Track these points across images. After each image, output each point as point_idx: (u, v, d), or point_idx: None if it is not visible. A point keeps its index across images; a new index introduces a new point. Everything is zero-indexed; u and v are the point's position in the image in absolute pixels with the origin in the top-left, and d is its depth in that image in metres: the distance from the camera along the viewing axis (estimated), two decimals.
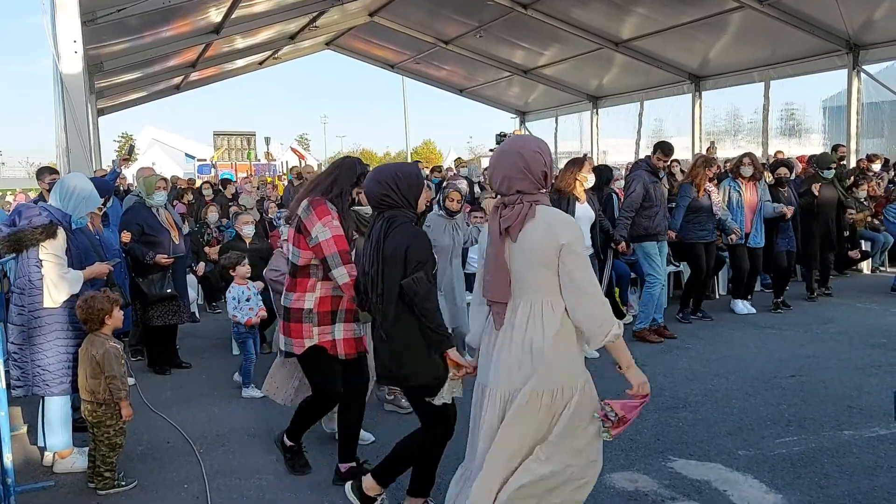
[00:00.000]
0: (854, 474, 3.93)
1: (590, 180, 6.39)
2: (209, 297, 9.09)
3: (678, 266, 8.49)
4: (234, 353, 6.71)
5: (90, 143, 8.58)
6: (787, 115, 16.10)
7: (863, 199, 9.96)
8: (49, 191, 5.63)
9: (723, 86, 15.46)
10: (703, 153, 11.50)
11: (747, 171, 7.72)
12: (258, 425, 5.05)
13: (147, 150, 32.81)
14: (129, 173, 14.84)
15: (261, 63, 20.91)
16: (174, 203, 9.77)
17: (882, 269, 10.38)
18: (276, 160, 28.18)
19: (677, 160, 11.16)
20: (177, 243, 6.45)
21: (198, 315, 8.41)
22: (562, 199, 6.29)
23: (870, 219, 9.91)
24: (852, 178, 10.62)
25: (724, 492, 3.76)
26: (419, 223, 5.26)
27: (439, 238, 5.45)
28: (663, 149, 7.07)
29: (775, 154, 13.15)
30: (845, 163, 11.25)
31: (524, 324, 2.71)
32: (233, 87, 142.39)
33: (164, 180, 6.62)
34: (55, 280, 4.20)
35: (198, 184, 15.09)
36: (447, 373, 3.19)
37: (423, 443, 3.44)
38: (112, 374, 3.96)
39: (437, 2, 15.42)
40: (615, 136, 19.80)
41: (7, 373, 4.45)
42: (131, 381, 5.92)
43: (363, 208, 4.35)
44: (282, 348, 3.97)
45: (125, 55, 13.59)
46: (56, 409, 4.32)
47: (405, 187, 3.30)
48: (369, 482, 3.52)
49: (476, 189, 11.70)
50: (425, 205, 4.99)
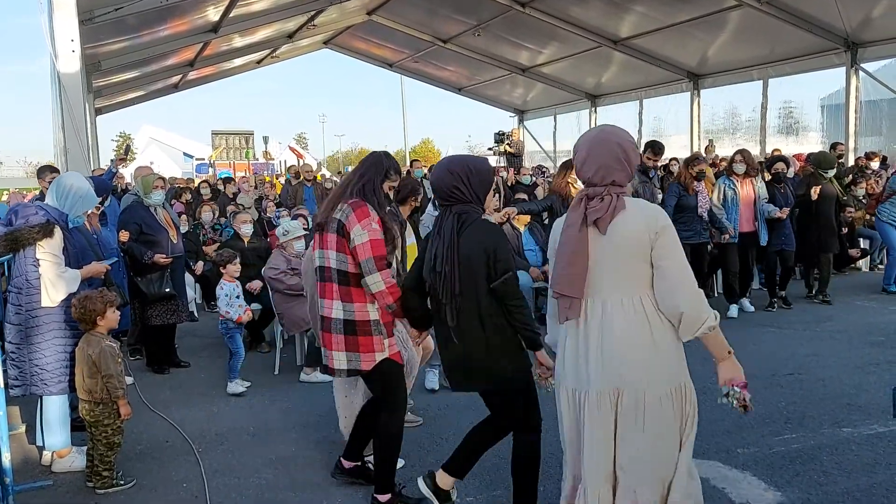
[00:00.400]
0: (853, 472, 3.93)
1: (579, 183, 6.35)
2: (207, 297, 9.09)
3: None
4: None
5: (88, 142, 8.58)
6: (785, 114, 16.10)
7: (861, 197, 9.97)
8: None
9: (721, 84, 15.47)
10: (699, 151, 11.48)
11: (740, 168, 7.64)
12: (257, 424, 5.04)
13: (145, 149, 32.80)
14: (128, 172, 14.84)
15: (259, 62, 20.90)
16: (172, 202, 9.76)
17: (881, 266, 10.37)
18: (274, 159, 28.16)
19: (676, 159, 11.18)
20: (175, 242, 6.45)
21: (196, 314, 8.40)
22: (555, 202, 6.25)
23: (868, 217, 9.90)
24: (851, 176, 10.63)
25: (722, 489, 3.75)
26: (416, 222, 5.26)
27: None
28: (653, 148, 7.03)
29: (772, 152, 13.17)
30: (843, 161, 11.25)
31: (625, 321, 2.58)
32: (231, 86, 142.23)
33: (162, 179, 6.61)
34: (53, 279, 4.19)
35: (196, 183, 15.09)
36: (527, 371, 3.15)
37: (527, 454, 3.29)
38: (109, 373, 3.96)
39: (436, 0, 15.41)
40: None
41: (5, 372, 4.45)
42: (130, 380, 5.92)
43: None
44: (342, 367, 3.52)
45: (123, 54, 13.57)
46: (54, 409, 4.31)
47: (477, 182, 3.18)
48: (443, 476, 3.43)
49: None
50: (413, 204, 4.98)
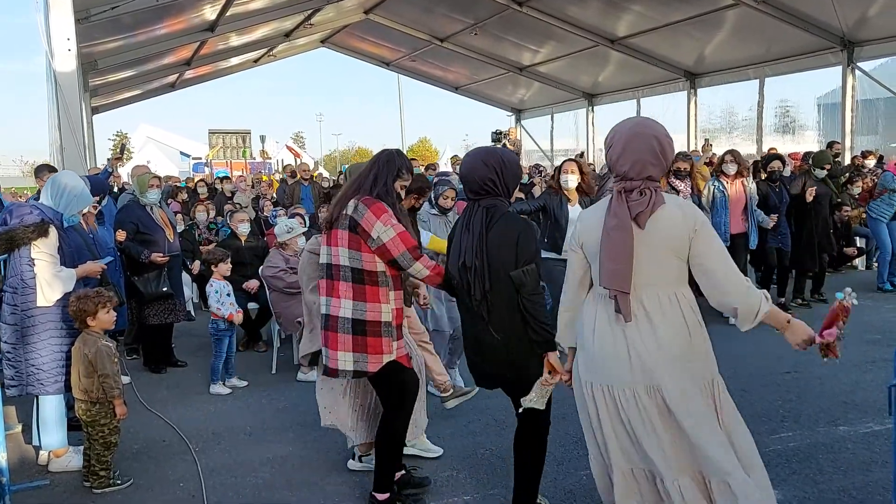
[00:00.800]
0: (849, 470, 3.94)
1: (563, 181, 6.20)
2: (204, 296, 9.05)
3: None
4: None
5: (84, 141, 8.56)
6: (781, 113, 16.12)
7: (857, 196, 9.99)
8: None
9: (718, 83, 15.47)
10: (684, 150, 11.36)
11: (730, 168, 7.47)
12: (254, 423, 5.04)
13: (142, 148, 32.74)
14: (125, 172, 14.81)
15: (256, 61, 20.87)
16: (169, 202, 9.74)
17: (877, 265, 10.39)
18: (271, 158, 28.13)
19: (690, 155, 11.13)
20: (171, 241, 6.44)
21: (193, 313, 8.40)
22: (549, 201, 6.20)
23: (864, 215, 9.92)
24: (847, 174, 10.65)
25: None
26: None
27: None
28: None
29: (768, 151, 13.18)
30: (840, 159, 11.27)
31: (663, 317, 2.57)
32: (228, 85, 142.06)
33: (158, 178, 6.59)
34: (48, 279, 4.18)
35: (186, 181, 15.00)
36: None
37: (543, 440, 3.29)
38: (105, 372, 3.95)
39: None
40: None
41: (1, 372, 4.46)
42: (126, 379, 5.91)
43: None
44: (347, 368, 3.45)
45: (119, 53, 13.55)
46: (51, 408, 4.30)
47: (510, 175, 3.17)
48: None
49: None
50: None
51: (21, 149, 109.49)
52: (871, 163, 10.77)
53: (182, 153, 31.94)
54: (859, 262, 10.47)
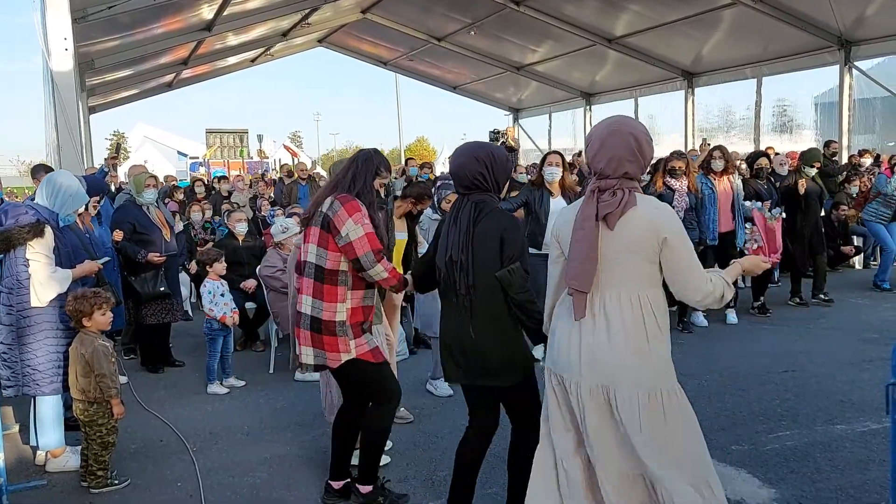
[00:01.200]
0: (846, 469, 3.95)
1: (549, 174, 6.21)
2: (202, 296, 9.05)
3: None
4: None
5: (81, 140, 8.53)
6: (779, 112, 16.12)
7: (854, 195, 10.00)
8: None
9: (715, 82, 15.46)
10: (678, 150, 11.32)
11: (718, 165, 7.37)
12: (252, 423, 5.04)
13: (139, 147, 32.72)
14: (122, 171, 14.78)
15: (253, 60, 20.83)
16: (166, 201, 9.73)
17: (874, 264, 10.41)
18: (268, 158, 28.13)
19: (685, 154, 11.12)
20: (168, 241, 6.44)
21: (190, 313, 8.39)
22: (531, 196, 6.19)
23: (861, 216, 9.92)
24: (844, 173, 10.67)
25: None
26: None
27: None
28: None
29: (766, 150, 13.19)
30: (837, 158, 11.29)
31: (621, 318, 2.58)
32: (225, 85, 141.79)
33: (154, 178, 6.58)
34: (42, 279, 4.16)
35: (179, 181, 14.98)
36: (530, 366, 3.12)
37: (531, 447, 3.17)
38: (102, 372, 3.95)
39: None
40: None
41: None
42: (124, 379, 5.90)
43: None
44: (308, 362, 3.54)
45: (116, 52, 13.50)
46: (48, 409, 4.30)
47: (499, 170, 3.14)
48: None
49: None
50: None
51: (18, 149, 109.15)
52: (867, 161, 10.79)
53: (179, 153, 31.90)
54: (857, 261, 10.49)
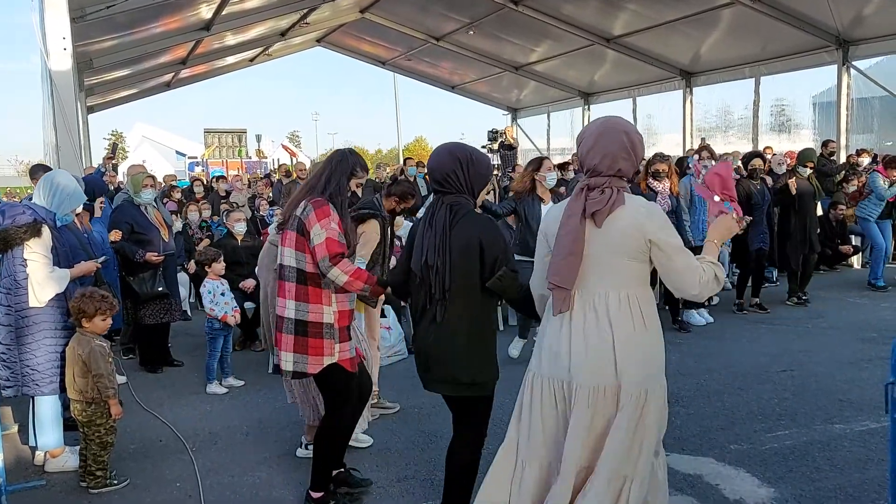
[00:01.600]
0: (845, 468, 3.95)
1: (550, 179, 6.17)
2: (200, 295, 9.04)
3: None
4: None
5: (80, 140, 8.52)
6: (777, 111, 16.13)
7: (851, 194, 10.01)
8: None
9: (713, 82, 15.47)
10: (661, 152, 11.17)
11: (706, 164, 7.36)
12: (251, 423, 5.03)
13: (137, 147, 32.69)
14: (121, 171, 14.77)
15: (252, 60, 20.81)
16: (165, 201, 9.72)
17: (869, 262, 10.42)
18: (267, 157, 28.13)
19: (667, 157, 11.14)
20: (167, 241, 6.43)
21: (189, 313, 8.38)
22: (521, 202, 6.06)
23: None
24: (842, 173, 10.68)
25: (716, 486, 3.77)
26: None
27: None
28: None
29: (764, 150, 13.20)
30: (835, 158, 11.30)
31: (609, 317, 2.59)
32: (224, 84, 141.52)
33: (152, 178, 6.57)
34: (40, 279, 4.16)
35: (195, 179, 14.96)
36: (493, 380, 3.11)
37: (472, 463, 3.24)
38: (99, 372, 3.95)
39: None
40: None
41: None
42: (122, 379, 5.90)
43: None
44: (287, 368, 3.49)
45: (115, 52, 13.49)
46: (46, 409, 4.30)
47: (475, 173, 3.06)
48: None
49: None
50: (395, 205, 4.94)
51: (16, 149, 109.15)
52: (865, 161, 10.80)
53: (178, 152, 31.90)
54: (855, 261, 10.50)
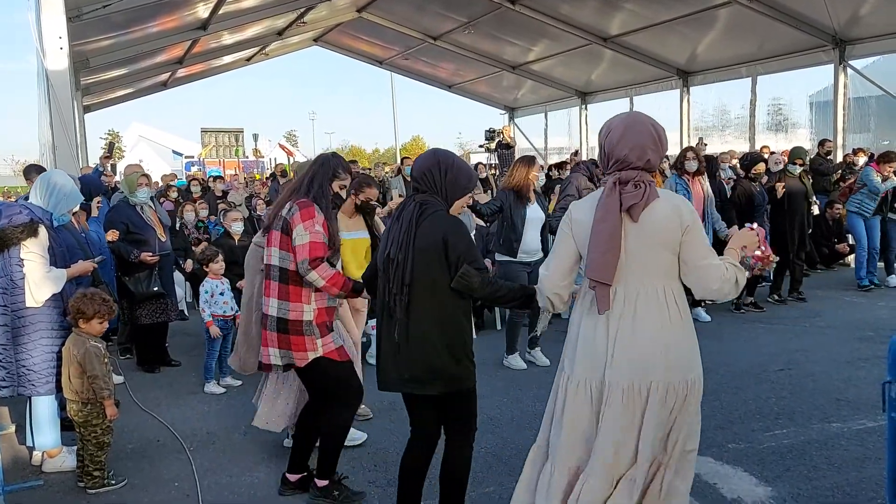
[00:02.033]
0: (843, 466, 3.96)
1: (541, 180, 6.21)
2: (198, 295, 9.02)
3: None
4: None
5: (76, 140, 8.51)
6: (774, 110, 16.19)
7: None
8: None
9: (710, 81, 15.51)
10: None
11: (692, 165, 7.34)
12: (249, 423, 5.00)
13: (134, 146, 32.71)
14: (120, 170, 14.75)
15: (248, 59, 20.80)
16: (161, 200, 9.70)
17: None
18: (264, 157, 28.11)
19: (666, 156, 11.16)
20: (163, 241, 6.42)
21: (186, 313, 8.37)
22: (506, 200, 6.00)
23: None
24: (839, 172, 10.70)
25: (714, 485, 3.77)
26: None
27: None
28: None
29: (761, 149, 13.22)
30: (832, 157, 11.32)
31: (648, 311, 2.59)
32: (220, 84, 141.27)
33: (147, 177, 6.56)
34: (37, 279, 4.15)
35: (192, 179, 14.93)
36: (472, 375, 3.09)
37: (468, 457, 3.25)
38: (94, 373, 3.94)
39: None
40: None
41: None
42: (119, 379, 5.90)
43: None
44: (277, 362, 3.60)
45: (111, 51, 13.48)
46: (43, 409, 4.29)
47: (451, 179, 3.06)
48: None
49: None
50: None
51: (13, 148, 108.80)
52: (862, 160, 10.82)
53: (174, 152, 31.91)
54: (851, 259, 10.50)
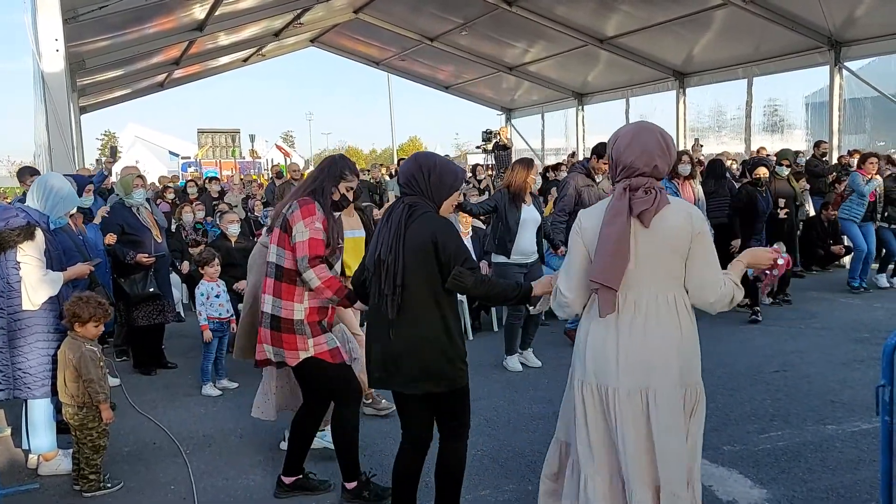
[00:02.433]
0: (837, 468, 3.97)
1: (538, 183, 6.23)
2: (194, 297, 9.01)
3: None
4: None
5: (73, 141, 8.49)
6: (770, 112, 16.22)
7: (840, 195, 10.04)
8: None
9: (707, 82, 15.53)
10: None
11: (684, 169, 7.33)
12: (245, 425, 5.02)
13: (130, 147, 32.65)
14: (116, 172, 14.74)
15: (245, 60, 20.79)
16: (158, 202, 9.69)
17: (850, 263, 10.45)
18: (260, 158, 28.08)
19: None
20: (159, 242, 6.41)
21: (183, 314, 8.36)
22: (501, 200, 6.03)
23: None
24: (834, 174, 10.72)
25: (709, 487, 3.78)
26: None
27: None
28: (598, 152, 6.58)
29: (758, 150, 13.25)
30: (827, 159, 11.35)
31: (657, 317, 2.60)
32: (217, 85, 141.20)
33: (142, 178, 6.55)
34: (34, 282, 4.14)
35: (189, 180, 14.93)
36: (464, 374, 3.08)
37: (461, 456, 3.24)
38: (90, 377, 3.93)
39: None
40: (601, 133, 19.83)
41: None
42: (116, 381, 5.89)
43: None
44: (271, 358, 3.69)
45: (107, 52, 13.46)
46: (39, 412, 4.28)
47: (436, 181, 3.09)
48: None
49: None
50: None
51: (9, 149, 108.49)
52: (856, 161, 10.86)
53: (171, 153, 31.87)
54: (847, 261, 10.52)
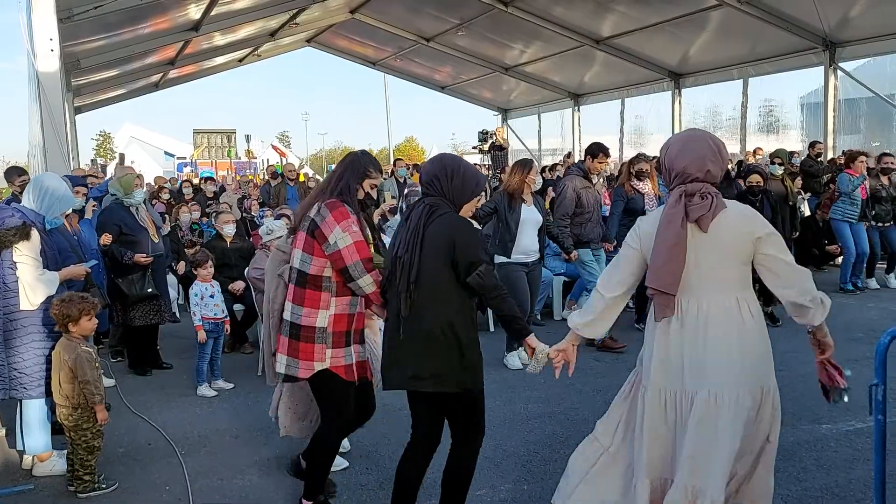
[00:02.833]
0: (831, 468, 3.98)
1: (536, 183, 6.25)
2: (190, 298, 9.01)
3: None
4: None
5: (67, 141, 8.48)
6: (765, 112, 16.24)
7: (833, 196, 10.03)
8: (21, 191, 5.57)
9: (702, 83, 15.58)
10: (642, 152, 11.04)
11: None
12: (240, 426, 5.02)
13: (126, 148, 32.55)
14: (109, 171, 14.72)
15: (241, 60, 20.76)
16: (153, 202, 9.68)
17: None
18: (256, 158, 28.06)
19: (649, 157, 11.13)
20: (156, 242, 6.40)
21: (178, 315, 8.34)
22: (500, 202, 6.08)
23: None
24: (829, 174, 10.73)
25: None
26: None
27: None
28: (592, 152, 6.58)
29: (754, 151, 13.27)
30: (821, 159, 11.37)
31: (720, 322, 2.61)
32: (213, 85, 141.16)
33: (140, 178, 6.55)
34: (30, 282, 4.13)
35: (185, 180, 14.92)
36: (474, 377, 3.06)
37: (471, 461, 3.23)
38: (85, 378, 3.92)
39: None
40: (597, 134, 19.87)
41: None
42: (111, 382, 5.88)
43: None
44: (280, 371, 3.49)
45: (103, 52, 13.44)
46: (34, 412, 4.27)
47: (458, 184, 3.10)
48: None
49: None
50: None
51: (3, 150, 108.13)
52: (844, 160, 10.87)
53: (166, 153, 31.81)
54: (841, 261, 10.55)
